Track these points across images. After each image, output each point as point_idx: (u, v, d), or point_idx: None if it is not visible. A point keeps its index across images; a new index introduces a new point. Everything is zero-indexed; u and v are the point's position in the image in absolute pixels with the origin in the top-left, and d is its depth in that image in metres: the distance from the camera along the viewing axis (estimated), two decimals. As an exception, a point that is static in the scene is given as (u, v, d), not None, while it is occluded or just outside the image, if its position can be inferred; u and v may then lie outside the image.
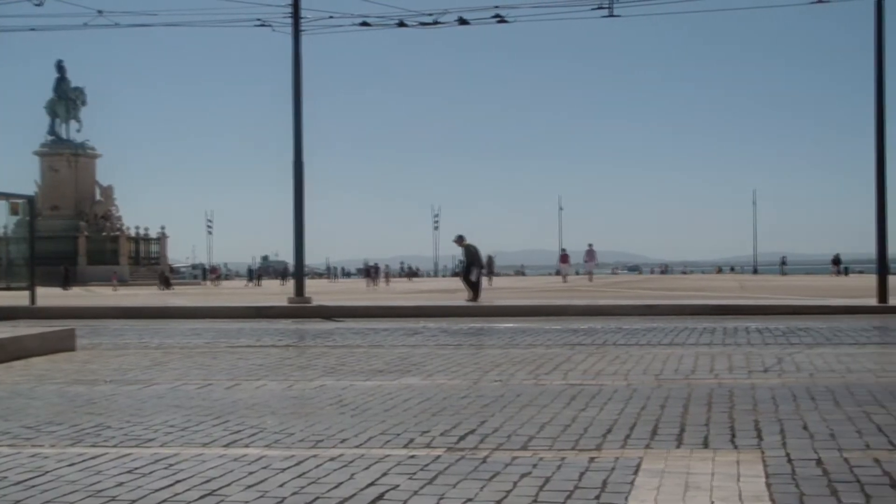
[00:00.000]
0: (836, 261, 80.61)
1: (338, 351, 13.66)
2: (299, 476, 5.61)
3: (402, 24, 28.24)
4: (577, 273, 62.48)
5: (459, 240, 28.99)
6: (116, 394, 9.37)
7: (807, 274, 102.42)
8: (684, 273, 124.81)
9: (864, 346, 13.19)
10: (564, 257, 63.34)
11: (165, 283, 66.00)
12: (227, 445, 6.64)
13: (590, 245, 59.26)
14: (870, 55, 24.44)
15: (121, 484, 5.49)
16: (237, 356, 13.01)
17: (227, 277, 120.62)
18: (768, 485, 5.25)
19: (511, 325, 18.91)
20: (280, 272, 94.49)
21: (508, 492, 5.19)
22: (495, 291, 39.62)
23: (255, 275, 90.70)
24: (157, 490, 5.33)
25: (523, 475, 5.56)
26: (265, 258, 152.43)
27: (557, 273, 67.50)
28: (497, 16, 27.74)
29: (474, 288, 27.58)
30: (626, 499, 5.01)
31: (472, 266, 28.39)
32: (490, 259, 62.29)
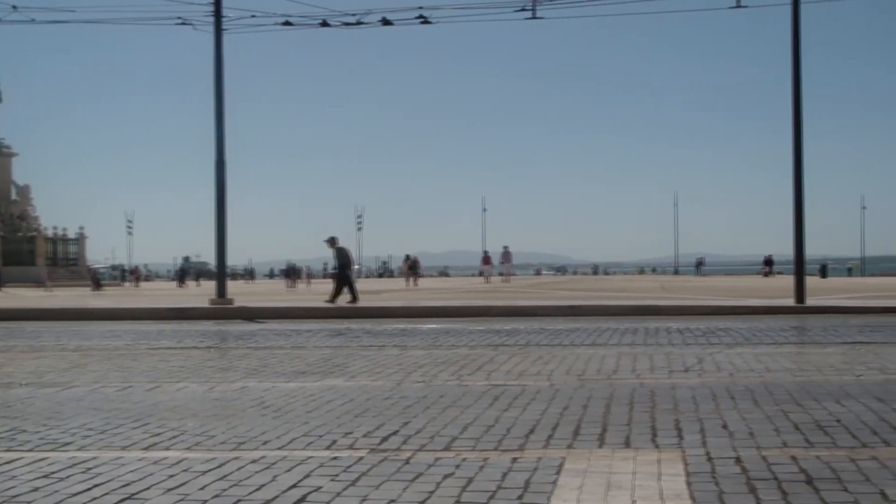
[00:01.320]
0: (769, 262, 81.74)
1: (260, 352, 13.56)
2: (221, 478, 5.56)
3: (325, 24, 28.13)
4: (501, 274, 62.95)
5: (332, 242, 28.69)
6: (33, 397, 9.21)
7: (727, 275, 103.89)
8: (607, 274, 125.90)
9: (781, 346, 13.41)
10: (486, 259, 64.26)
11: (97, 283, 65.02)
12: (146, 448, 6.55)
13: (505, 247, 61.16)
14: (788, 58, 24.88)
15: (36, 489, 5.39)
16: (158, 358, 12.86)
17: (148, 278, 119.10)
18: (688, 483, 5.31)
19: (434, 325, 18.92)
20: (196, 273, 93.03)
21: (431, 493, 5.19)
22: (419, 292, 39.61)
23: (182, 275, 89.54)
24: (74, 495, 5.24)
25: (446, 476, 5.56)
26: (186, 259, 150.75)
27: (480, 274, 67.98)
28: (420, 16, 27.75)
29: (351, 290, 27.30)
30: (549, 499, 5.04)
31: (346, 268, 28.19)
32: (416, 261, 63.08)
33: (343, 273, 28.10)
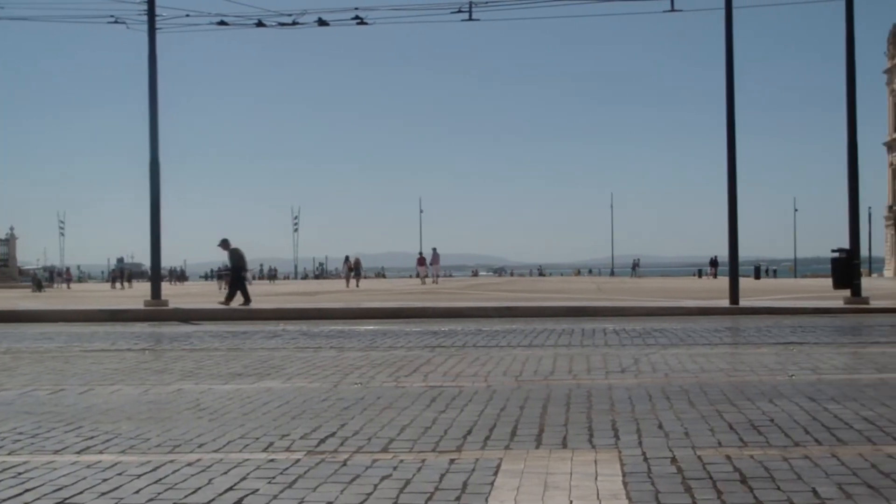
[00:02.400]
0: (714, 263, 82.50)
1: (196, 354, 13.45)
2: (156, 482, 5.50)
3: (260, 24, 28.01)
4: (427, 276, 63.34)
5: (224, 244, 28.38)
6: (-38, 400, 9.05)
7: (662, 276, 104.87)
8: (543, 275, 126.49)
9: (716, 347, 13.56)
10: (421, 260, 64.82)
11: (38, 285, 64.19)
12: (79, 452, 6.46)
13: (433, 249, 62.89)
14: (722, 62, 25.19)
15: (-34, 494, 5.30)
16: (91, 360, 12.70)
17: (81, 280, 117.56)
18: (625, 483, 5.34)
19: (371, 327, 18.89)
20: (128, 275, 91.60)
21: (369, 494, 5.17)
22: (357, 294, 39.52)
23: (116, 277, 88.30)
24: (4, 500, 5.15)
25: (384, 477, 5.55)
26: (120, 260, 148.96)
27: (418, 276, 68.31)
28: (357, 17, 27.73)
29: (244, 292, 27.05)
30: (486, 499, 5.04)
31: (240, 270, 27.97)
32: (357, 261, 63.41)
33: (237, 275, 27.84)
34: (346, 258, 65.41)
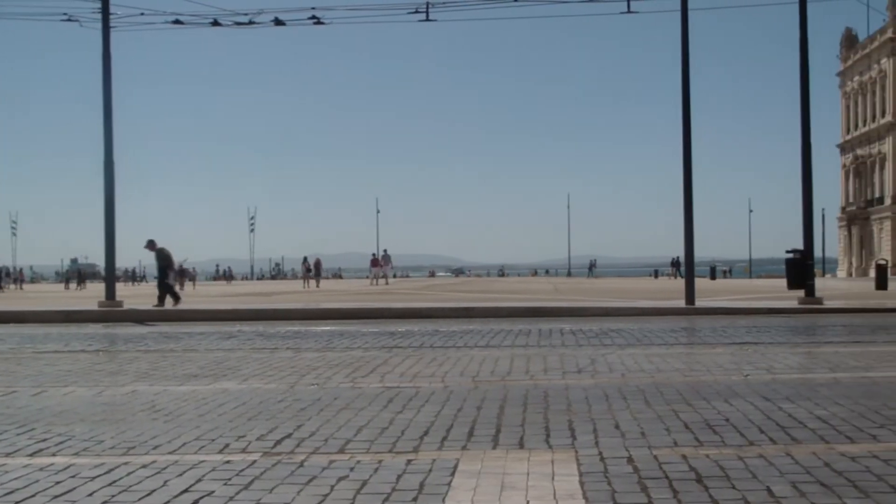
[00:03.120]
0: (675, 263, 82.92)
1: (151, 355, 13.34)
2: (110, 484, 5.44)
3: (216, 24, 27.85)
4: (395, 276, 63.64)
5: (151, 245, 28.20)
6: (-88, 403, 8.92)
7: (618, 276, 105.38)
8: (501, 275, 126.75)
9: (672, 347, 13.63)
10: (375, 261, 65.28)
11: None
12: (32, 455, 6.39)
13: (385, 250, 65.16)
14: (678, 63, 25.35)
15: (-84, 498, 5.22)
16: (44, 362, 12.57)
17: (34, 281, 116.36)
18: (582, 483, 5.35)
19: (328, 328, 18.84)
20: (82, 275, 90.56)
21: (326, 496, 5.15)
22: (313, 294, 39.39)
23: (70, 278, 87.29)
24: (-45, 503, 5.09)
25: (340, 478, 5.52)
26: (74, 261, 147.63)
27: (373, 276, 68.54)
28: (314, 17, 27.65)
29: (172, 292, 26.92)
30: (443, 500, 5.03)
31: (168, 270, 27.80)
32: (318, 262, 64.07)
33: (164, 274, 27.66)
34: (305, 259, 65.44)
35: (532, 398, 8.58)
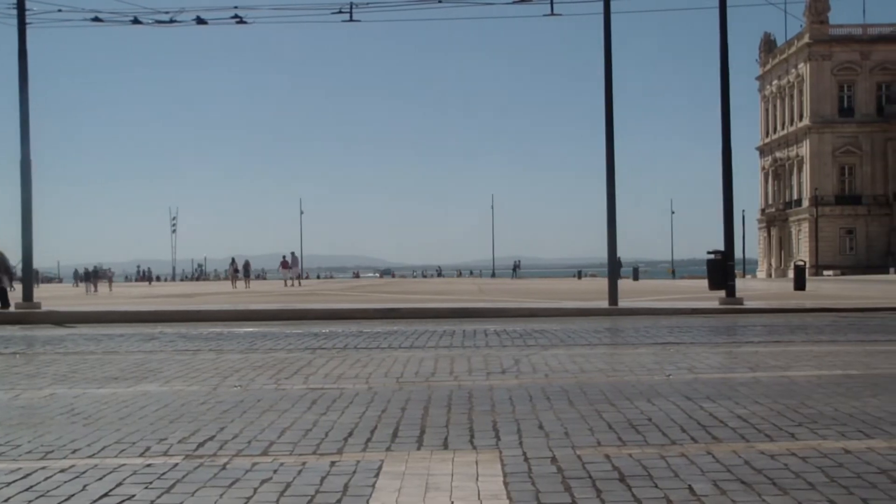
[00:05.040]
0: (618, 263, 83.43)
1: (70, 358, 13.13)
2: (27, 489, 5.34)
3: (136, 22, 27.50)
4: (319, 277, 63.60)
5: None
6: None
7: (542, 277, 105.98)
8: (425, 276, 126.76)
9: (595, 347, 13.73)
10: (284, 263, 65.58)
11: None
12: (-55, 460, 6.25)
13: (292, 253, 66.19)
14: (601, 64, 25.57)
15: None
16: (-41, 365, 12.31)
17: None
18: (506, 483, 5.36)
19: (251, 329, 18.70)
20: None
21: (249, 498, 5.10)
22: (237, 295, 39.07)
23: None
24: None
25: (264, 481, 5.48)
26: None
27: (306, 277, 68.56)
28: (236, 16, 27.46)
29: (2, 297, 26.47)
30: (367, 501, 5.01)
31: (1, 274, 27.33)
32: (247, 263, 64.57)
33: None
34: (233, 260, 65.44)
35: (456, 399, 8.59)
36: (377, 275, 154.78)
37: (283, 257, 66.47)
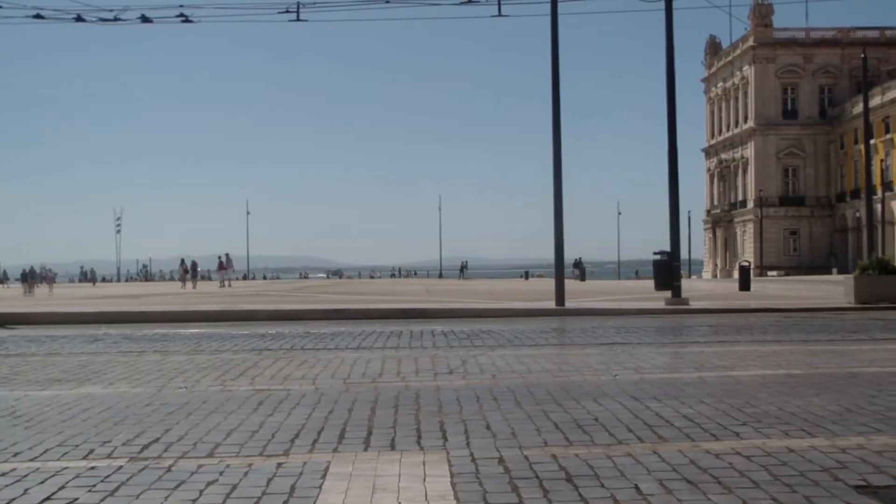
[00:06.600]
0: (578, 264, 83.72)
1: (11, 360, 12.96)
2: (-35, 494, 5.26)
3: (80, 20, 27.14)
4: (265, 277, 63.41)
5: None
6: None
7: (490, 278, 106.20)
8: (372, 277, 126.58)
9: (542, 348, 13.77)
10: (221, 265, 65.57)
11: None
12: None
13: (227, 254, 66.10)
14: (548, 65, 25.67)
15: None
16: None
17: None
18: (453, 484, 5.36)
19: (197, 330, 18.56)
20: None
21: (195, 500, 5.06)
22: (183, 296, 38.80)
23: None
24: None
25: (210, 483, 5.44)
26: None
27: (252, 278, 68.27)
28: (182, 15, 27.23)
29: None
30: (315, 503, 4.99)
31: None
32: (194, 264, 64.35)
33: None
34: (182, 261, 65.23)
35: (403, 400, 8.57)
36: (325, 276, 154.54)
37: (220, 258, 66.47)
